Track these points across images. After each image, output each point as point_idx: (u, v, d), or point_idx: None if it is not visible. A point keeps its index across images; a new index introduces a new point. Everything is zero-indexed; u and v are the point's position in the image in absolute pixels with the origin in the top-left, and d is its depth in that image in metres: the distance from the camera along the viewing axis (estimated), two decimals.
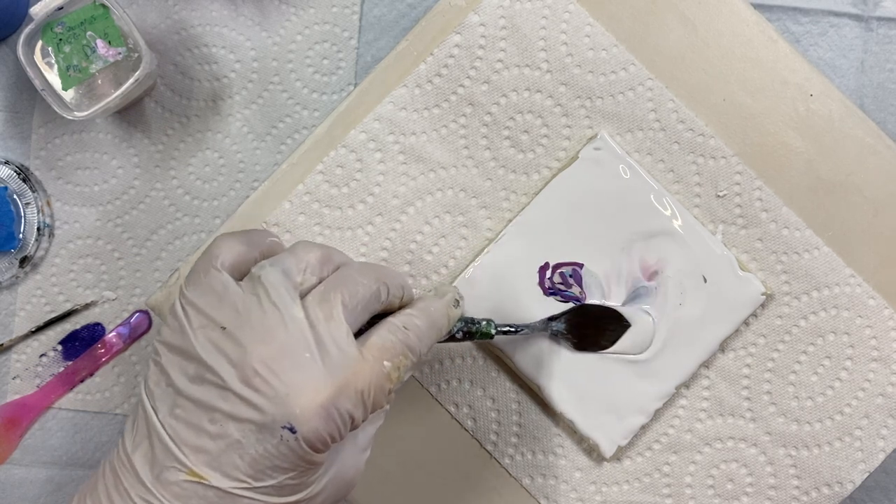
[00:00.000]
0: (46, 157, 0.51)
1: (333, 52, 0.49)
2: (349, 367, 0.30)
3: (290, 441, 0.29)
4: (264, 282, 0.30)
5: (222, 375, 0.29)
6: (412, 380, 0.44)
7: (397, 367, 0.32)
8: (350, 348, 0.30)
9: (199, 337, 0.30)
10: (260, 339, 0.29)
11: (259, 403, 0.29)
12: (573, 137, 0.45)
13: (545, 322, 0.42)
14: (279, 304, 0.30)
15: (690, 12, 0.44)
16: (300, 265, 0.32)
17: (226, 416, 0.29)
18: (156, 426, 0.30)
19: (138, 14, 0.50)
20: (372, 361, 0.31)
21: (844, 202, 0.44)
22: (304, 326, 0.30)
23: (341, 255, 0.34)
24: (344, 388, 0.30)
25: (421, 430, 0.44)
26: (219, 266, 0.31)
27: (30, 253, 0.50)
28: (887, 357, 0.43)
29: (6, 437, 0.50)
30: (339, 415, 0.30)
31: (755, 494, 0.44)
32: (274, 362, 0.29)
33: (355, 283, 0.32)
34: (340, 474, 0.33)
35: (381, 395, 0.31)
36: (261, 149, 0.49)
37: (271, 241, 0.34)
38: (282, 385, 0.29)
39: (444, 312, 0.35)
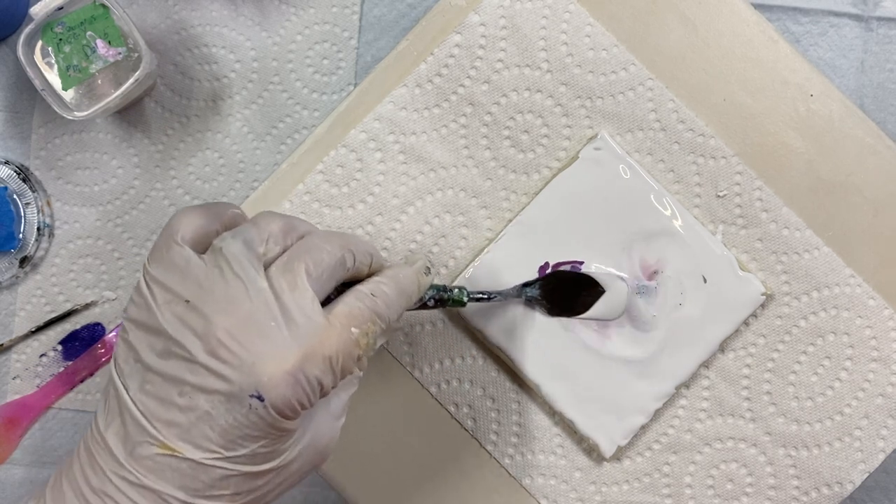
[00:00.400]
0: (46, 157, 0.51)
1: (333, 52, 0.49)
2: (315, 334, 0.30)
3: (259, 409, 0.29)
4: (226, 253, 0.30)
5: (189, 348, 0.29)
6: (412, 381, 0.44)
7: (366, 334, 0.32)
8: (316, 315, 0.30)
9: (164, 312, 0.30)
10: (224, 310, 0.29)
11: (226, 373, 0.29)
12: (573, 137, 0.44)
13: (519, 288, 0.42)
14: (242, 275, 0.30)
15: (691, 12, 0.44)
16: (262, 235, 0.31)
17: (194, 389, 0.29)
18: (126, 403, 0.30)
19: (138, 14, 0.50)
20: (339, 328, 0.31)
21: (844, 202, 0.44)
22: (269, 296, 0.30)
23: (305, 224, 0.34)
24: (311, 354, 0.30)
25: (421, 430, 0.44)
26: (179, 240, 0.31)
27: (30, 253, 0.50)
28: (887, 357, 0.43)
29: (6, 437, 0.50)
30: (307, 381, 0.30)
31: (755, 495, 0.44)
32: (239, 332, 0.29)
33: (319, 250, 0.32)
34: (314, 442, 0.33)
35: (350, 361, 0.31)
36: (261, 149, 0.49)
37: (233, 213, 0.34)
38: (248, 354, 0.29)
39: (413, 279, 0.35)
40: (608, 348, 0.43)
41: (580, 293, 0.43)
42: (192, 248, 0.31)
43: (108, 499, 0.29)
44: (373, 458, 0.44)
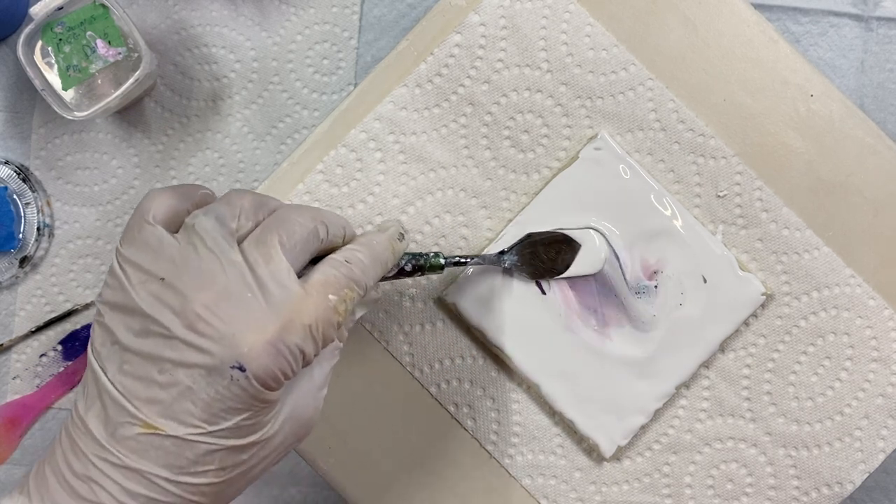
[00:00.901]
0: (46, 157, 0.51)
1: (333, 52, 0.49)
2: (293, 303, 0.30)
3: (241, 380, 0.29)
4: (199, 230, 0.30)
5: (166, 325, 0.29)
6: (412, 381, 0.44)
7: (343, 300, 0.32)
8: (292, 285, 0.30)
9: (139, 291, 0.30)
10: (200, 285, 0.29)
11: (205, 346, 0.29)
12: (573, 137, 0.44)
13: (497, 256, 0.42)
14: (216, 250, 0.30)
15: (691, 12, 0.44)
16: (234, 211, 0.31)
17: (174, 364, 0.29)
18: (105, 385, 0.30)
19: (138, 14, 0.50)
20: (316, 296, 0.31)
21: (845, 202, 0.43)
22: (244, 269, 0.30)
23: (276, 200, 0.34)
24: (290, 323, 0.29)
25: (421, 430, 0.44)
26: (151, 220, 0.31)
27: (30, 253, 0.50)
28: (887, 357, 0.43)
29: (6, 437, 0.50)
30: (288, 350, 0.29)
31: (755, 495, 0.43)
32: (216, 305, 0.29)
33: (292, 222, 0.32)
34: (297, 413, 0.32)
35: (330, 328, 0.31)
36: (261, 149, 0.49)
37: (203, 193, 0.34)
38: (226, 326, 0.29)
39: (386, 246, 0.35)
40: (608, 348, 0.43)
41: (558, 253, 0.42)
42: (164, 227, 0.31)
43: (93, 483, 0.29)
44: (373, 458, 0.44)
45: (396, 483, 0.44)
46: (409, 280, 0.44)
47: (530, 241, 0.42)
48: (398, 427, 0.44)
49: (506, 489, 0.44)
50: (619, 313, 0.43)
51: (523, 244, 0.42)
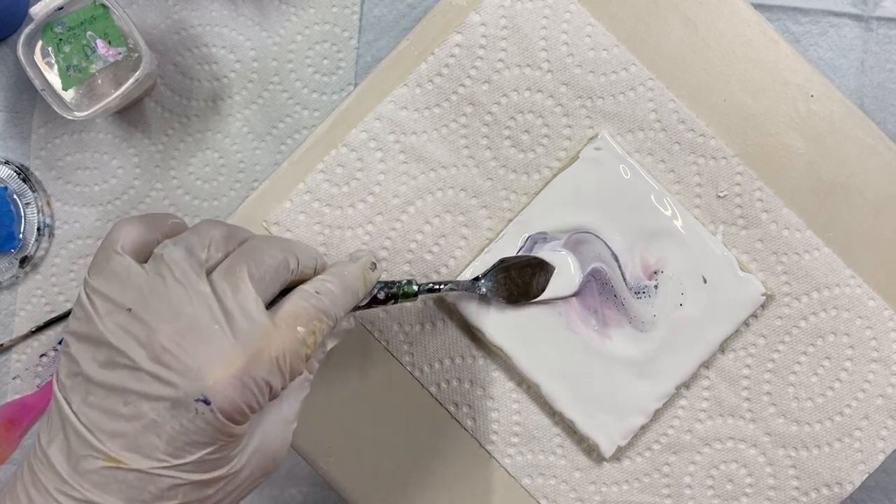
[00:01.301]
0: (46, 157, 0.50)
1: (333, 52, 0.49)
2: (261, 336, 0.29)
3: (206, 414, 0.28)
4: (167, 260, 0.30)
5: (132, 356, 0.28)
6: (412, 381, 0.43)
7: (312, 332, 0.31)
8: (260, 317, 0.30)
9: (106, 322, 0.29)
10: (167, 316, 0.29)
11: (171, 379, 0.28)
12: (574, 137, 0.44)
13: (472, 282, 0.42)
14: (184, 281, 0.29)
15: (692, 12, 0.44)
16: (204, 241, 0.31)
17: (139, 397, 0.28)
18: (69, 417, 0.29)
19: (138, 14, 0.49)
20: (284, 328, 0.30)
21: (845, 203, 0.43)
22: (211, 300, 0.29)
23: (246, 232, 0.33)
24: (257, 356, 0.29)
25: (420, 430, 0.43)
26: (119, 250, 0.31)
27: (30, 253, 0.49)
28: (887, 358, 0.43)
29: (6, 437, 0.49)
30: (254, 383, 0.29)
31: (755, 495, 0.43)
32: (182, 338, 0.28)
33: (262, 253, 0.31)
34: (265, 447, 0.32)
35: (298, 361, 0.30)
36: (261, 149, 0.49)
37: (173, 223, 0.33)
38: (192, 359, 0.28)
39: (358, 276, 0.35)
40: (608, 348, 0.42)
41: (532, 277, 0.42)
42: (132, 257, 0.31)
43: None
44: (372, 458, 0.43)
45: (396, 482, 0.43)
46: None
47: (504, 266, 0.42)
48: (398, 426, 0.43)
49: (505, 489, 0.43)
50: (619, 313, 0.43)
51: (497, 269, 0.42)
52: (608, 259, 0.43)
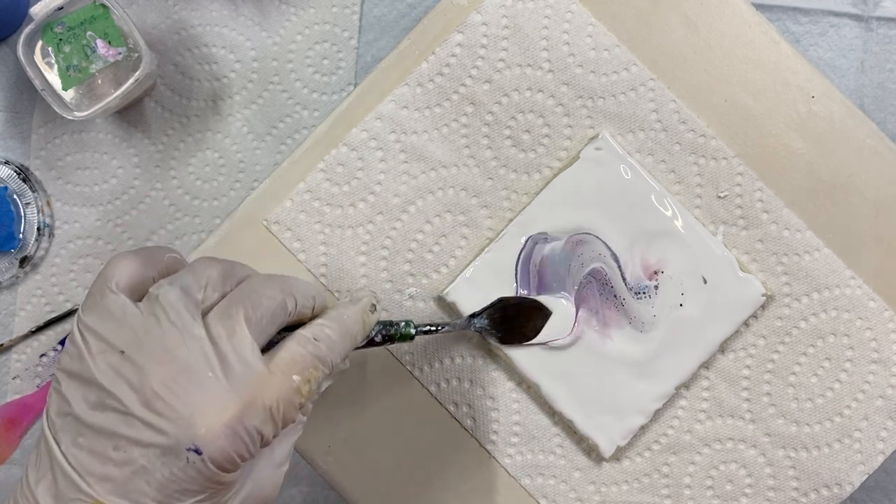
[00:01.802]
0: (46, 157, 0.49)
1: (333, 52, 0.48)
2: (255, 383, 0.28)
3: (197, 463, 0.27)
4: (162, 301, 0.29)
5: (123, 400, 0.27)
6: (412, 380, 0.43)
7: (308, 381, 0.30)
8: (256, 363, 0.29)
9: (98, 362, 0.28)
10: (160, 360, 0.28)
11: (162, 426, 0.27)
12: (574, 137, 0.43)
13: (467, 320, 0.41)
14: (178, 324, 0.28)
15: (693, 13, 0.43)
16: (200, 282, 0.30)
17: (130, 442, 0.27)
18: (58, 457, 0.28)
19: (138, 14, 0.49)
20: (280, 376, 0.29)
21: (845, 204, 0.42)
22: (206, 344, 0.28)
23: (245, 269, 0.32)
24: (250, 404, 0.28)
25: (420, 429, 0.43)
26: (114, 287, 0.29)
27: (30, 253, 0.49)
28: (887, 359, 0.42)
29: (6, 437, 0.49)
30: (246, 433, 0.28)
31: (754, 496, 0.42)
32: (175, 383, 0.27)
33: (259, 295, 0.30)
34: (256, 492, 0.31)
35: (292, 409, 0.29)
36: (261, 149, 0.48)
37: (170, 258, 0.32)
38: (184, 406, 0.27)
39: (357, 319, 0.34)
40: (608, 348, 0.42)
41: (528, 318, 0.41)
42: (127, 295, 0.30)
43: None
44: (372, 458, 0.43)
45: (395, 482, 0.43)
46: (409, 279, 0.42)
47: (501, 306, 0.41)
48: (397, 426, 0.43)
49: (505, 488, 0.43)
50: (619, 314, 0.42)
51: (494, 308, 0.41)
52: (608, 259, 0.42)
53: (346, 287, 0.42)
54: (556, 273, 0.42)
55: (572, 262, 0.42)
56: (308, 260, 0.43)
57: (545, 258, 0.42)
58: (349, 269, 0.42)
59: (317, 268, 0.42)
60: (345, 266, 0.42)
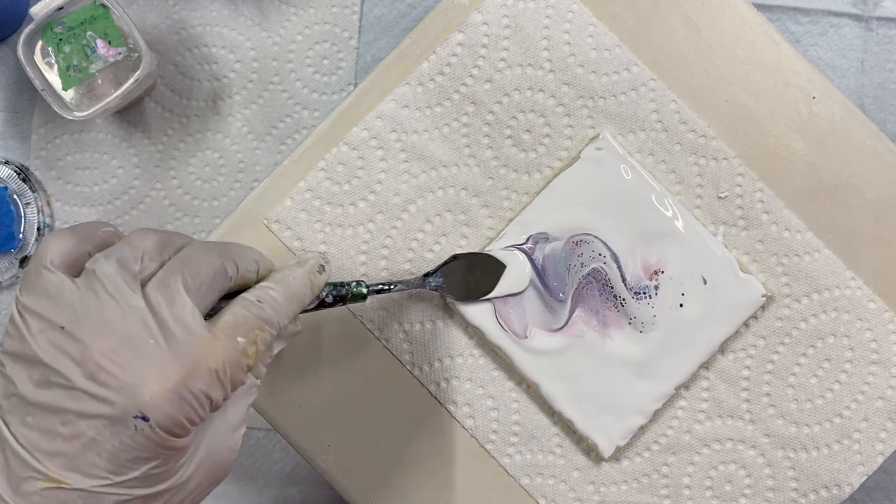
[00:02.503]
0: (46, 157, 0.48)
1: (333, 52, 0.46)
2: (198, 347, 0.27)
3: (145, 430, 0.26)
4: (99, 274, 0.28)
5: (67, 375, 0.27)
6: (412, 379, 0.42)
7: (253, 342, 0.29)
8: (198, 328, 0.28)
9: (39, 341, 0.27)
10: (100, 332, 0.27)
11: (107, 396, 0.26)
12: (575, 137, 0.42)
13: (421, 278, 0.40)
14: (117, 296, 0.27)
15: (694, 13, 0.42)
16: (136, 253, 0.29)
17: (77, 416, 0.26)
18: (7, 438, 0.27)
19: (138, 14, 0.47)
20: (224, 339, 0.28)
21: (846, 205, 0.41)
22: (146, 313, 0.27)
23: (183, 238, 0.31)
24: (194, 368, 0.27)
25: (419, 429, 0.42)
26: (48, 265, 0.28)
27: (30, 253, 0.47)
28: (887, 360, 0.41)
29: None
30: (193, 396, 0.27)
31: (753, 496, 0.41)
32: (117, 354, 0.27)
33: (198, 262, 0.29)
34: (212, 455, 0.30)
35: (239, 371, 0.29)
36: (261, 149, 0.46)
37: (105, 232, 0.31)
38: (127, 375, 0.26)
39: (304, 281, 0.33)
40: (608, 348, 0.41)
41: (483, 273, 0.40)
42: (64, 272, 0.28)
43: None
44: (371, 456, 0.41)
45: (395, 481, 0.42)
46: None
47: (455, 262, 0.40)
48: (397, 425, 0.42)
49: (504, 488, 0.41)
50: (619, 314, 0.41)
51: (448, 264, 0.40)
52: (608, 259, 0.41)
53: None
54: (556, 273, 0.41)
55: (572, 261, 0.41)
56: None
57: (545, 258, 0.41)
58: (349, 267, 0.41)
59: None
60: (345, 265, 0.41)
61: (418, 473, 0.42)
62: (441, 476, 0.42)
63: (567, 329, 0.41)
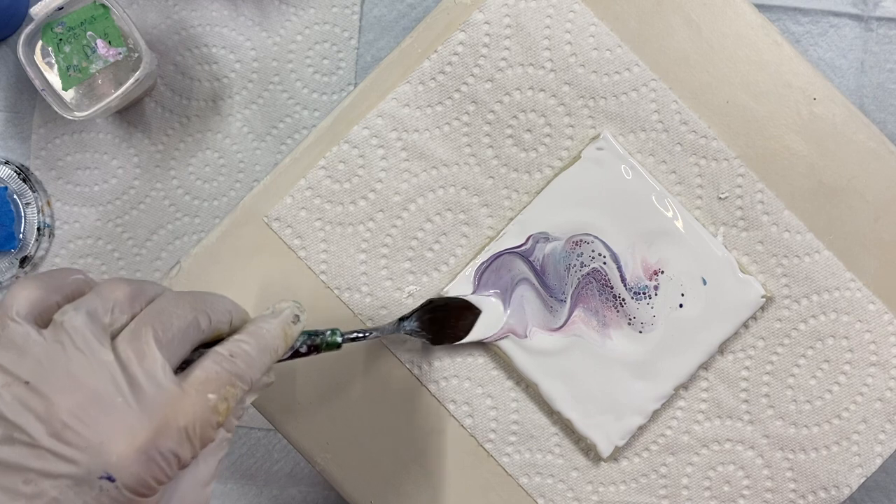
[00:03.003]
0: (46, 157, 0.46)
1: (333, 52, 0.45)
2: (168, 405, 0.26)
3: (111, 490, 0.25)
4: (67, 327, 0.26)
5: (31, 432, 0.25)
6: (411, 378, 0.40)
7: (224, 398, 0.27)
8: (168, 384, 0.26)
9: (3, 395, 0.25)
10: (67, 388, 0.25)
11: (72, 456, 0.24)
12: (576, 137, 0.41)
13: (396, 323, 0.38)
14: (85, 350, 0.26)
15: (695, 14, 0.41)
16: (107, 305, 0.27)
17: (40, 475, 0.24)
18: None
19: (138, 14, 0.46)
20: (194, 395, 0.26)
21: (846, 206, 0.40)
22: (115, 368, 0.26)
23: (155, 287, 0.29)
24: (163, 427, 0.25)
25: (419, 427, 0.41)
26: (15, 316, 0.26)
27: (30, 253, 0.46)
28: (886, 362, 0.40)
29: None
30: (161, 456, 0.25)
31: (752, 497, 0.40)
32: (83, 411, 0.25)
33: (169, 314, 0.27)
34: None
35: (209, 429, 0.27)
36: (261, 149, 0.45)
37: (75, 280, 0.29)
38: (94, 434, 0.25)
39: (278, 333, 0.31)
40: (608, 348, 0.39)
41: (458, 318, 0.39)
42: (31, 323, 0.27)
43: None
44: (370, 455, 0.40)
45: (393, 479, 0.40)
46: (409, 277, 0.40)
47: (431, 307, 0.39)
48: (396, 423, 0.40)
49: (503, 487, 0.40)
50: (618, 314, 0.39)
51: (423, 310, 0.39)
52: (608, 259, 0.39)
53: (345, 285, 0.40)
54: (556, 273, 0.39)
55: (572, 261, 0.39)
56: (308, 257, 0.40)
57: (545, 258, 0.39)
58: (349, 266, 0.40)
59: (317, 265, 0.40)
60: (345, 263, 0.40)
61: (416, 472, 0.40)
62: (439, 474, 0.40)
63: (566, 329, 0.39)
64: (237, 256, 0.40)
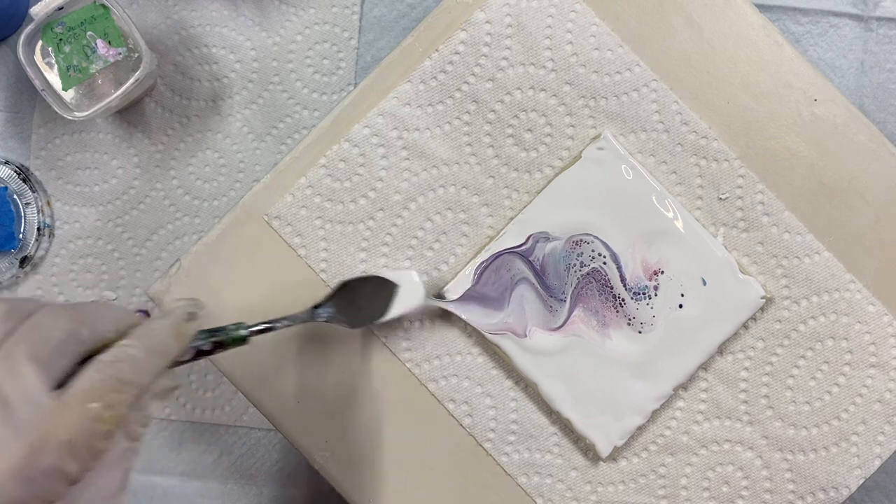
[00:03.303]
0: (46, 157, 0.45)
1: (333, 52, 0.44)
2: (45, 420, 0.24)
3: None
4: None
5: None
6: (410, 377, 0.39)
7: (110, 406, 0.26)
8: (43, 400, 0.24)
9: None
10: None
11: None
12: (577, 137, 0.40)
13: (310, 311, 0.36)
14: None
15: (697, 14, 0.40)
16: None
17: None
18: None
19: (138, 14, 0.45)
20: (74, 407, 0.25)
21: (846, 207, 0.39)
22: None
23: (31, 304, 0.27)
24: (41, 443, 0.24)
25: (418, 426, 0.40)
26: None
27: (30, 253, 0.45)
28: (885, 363, 0.39)
29: None
30: (42, 474, 0.24)
31: (751, 498, 0.39)
32: None
33: (47, 328, 0.26)
34: None
35: (97, 439, 0.25)
36: (261, 149, 0.44)
37: None
38: None
39: (167, 333, 0.29)
40: (607, 348, 0.39)
41: (374, 296, 0.37)
42: None
43: None
44: (369, 454, 0.40)
45: (393, 478, 0.40)
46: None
47: (346, 289, 0.37)
48: (395, 422, 0.40)
49: (502, 487, 0.40)
50: (618, 314, 0.39)
51: (338, 293, 0.37)
52: (608, 259, 0.39)
53: None
54: (555, 272, 0.39)
55: (572, 261, 0.39)
56: (308, 255, 0.39)
57: (545, 257, 0.39)
58: (350, 264, 0.39)
59: (317, 263, 0.39)
60: (345, 262, 0.39)
61: (415, 470, 0.40)
62: (438, 473, 0.40)
63: (566, 328, 0.39)
64: (237, 255, 0.39)
